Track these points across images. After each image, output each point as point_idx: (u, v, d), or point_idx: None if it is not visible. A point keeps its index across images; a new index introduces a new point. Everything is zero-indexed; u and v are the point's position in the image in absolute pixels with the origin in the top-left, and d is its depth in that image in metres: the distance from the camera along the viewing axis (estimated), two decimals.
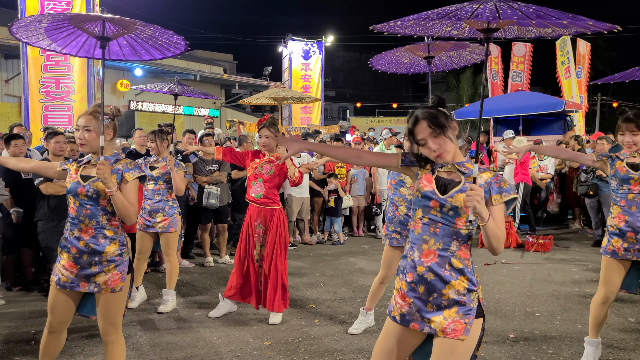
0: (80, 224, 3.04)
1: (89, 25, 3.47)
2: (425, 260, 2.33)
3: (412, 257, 2.38)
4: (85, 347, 4.34)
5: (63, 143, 5.64)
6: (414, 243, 2.39)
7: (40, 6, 10.86)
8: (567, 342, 4.45)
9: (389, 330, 2.45)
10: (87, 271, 3.01)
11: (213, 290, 6.11)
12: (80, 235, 3.04)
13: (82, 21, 3.46)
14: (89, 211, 3.04)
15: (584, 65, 15.88)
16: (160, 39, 3.74)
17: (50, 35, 3.72)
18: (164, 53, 3.94)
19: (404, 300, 2.37)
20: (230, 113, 23.00)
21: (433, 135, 2.32)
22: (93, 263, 3.02)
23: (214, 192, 7.35)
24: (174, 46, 3.83)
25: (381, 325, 2.58)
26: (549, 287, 6.18)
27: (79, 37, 3.78)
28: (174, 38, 3.70)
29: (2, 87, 15.55)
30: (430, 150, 2.34)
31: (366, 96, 42.70)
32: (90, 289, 3.02)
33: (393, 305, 2.44)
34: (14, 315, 5.21)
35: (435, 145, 2.33)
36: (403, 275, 2.41)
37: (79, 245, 3.03)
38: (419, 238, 2.38)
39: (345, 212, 9.59)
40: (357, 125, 19.83)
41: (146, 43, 3.80)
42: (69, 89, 10.97)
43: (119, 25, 3.45)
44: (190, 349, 4.30)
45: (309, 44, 18.69)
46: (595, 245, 8.67)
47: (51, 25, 3.53)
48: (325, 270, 7.10)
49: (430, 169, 2.43)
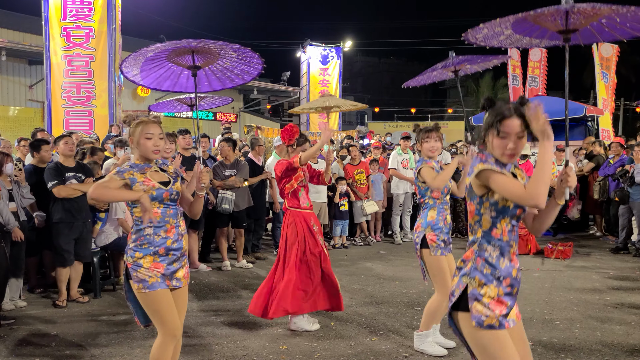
0: (166, 224, 3.14)
1: (181, 59, 3.93)
2: (515, 264, 2.46)
3: (505, 264, 2.44)
4: (105, 348, 4.40)
5: (72, 144, 5.77)
6: (504, 249, 2.44)
7: (63, 13, 11.07)
8: (587, 350, 4.38)
9: (506, 339, 2.41)
10: (171, 268, 3.13)
11: (230, 294, 6.14)
12: (166, 235, 3.14)
13: (176, 55, 3.89)
14: (172, 211, 3.17)
15: (611, 68, 15.62)
16: (235, 70, 4.19)
17: (143, 67, 4.12)
18: (245, 78, 4.40)
19: (502, 304, 2.41)
20: (249, 118, 23.14)
21: (518, 136, 2.38)
22: (175, 260, 3.15)
23: (227, 197, 7.37)
24: (241, 77, 4.27)
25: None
26: (568, 295, 6.09)
27: (172, 75, 4.26)
28: (250, 67, 4.12)
29: (26, 93, 15.88)
30: (506, 147, 2.38)
31: (385, 101, 42.61)
32: (174, 284, 3.14)
33: (487, 314, 2.38)
34: (36, 316, 5.30)
35: (514, 144, 2.38)
36: (498, 282, 2.42)
37: (166, 245, 3.13)
38: (507, 244, 2.45)
39: (368, 218, 9.57)
40: (375, 130, 19.81)
41: (214, 75, 4.26)
42: (90, 94, 11.15)
43: (204, 55, 3.88)
44: (206, 352, 4.33)
45: (327, 49, 18.75)
46: (614, 252, 8.53)
47: (151, 60, 3.91)
48: (341, 275, 7.09)
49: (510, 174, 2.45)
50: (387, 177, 9.79)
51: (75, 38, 10.98)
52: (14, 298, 5.56)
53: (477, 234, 2.47)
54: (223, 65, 4.11)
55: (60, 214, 5.63)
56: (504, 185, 2.30)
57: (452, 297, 2.49)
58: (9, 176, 5.45)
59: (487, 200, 2.44)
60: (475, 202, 2.48)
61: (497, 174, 2.34)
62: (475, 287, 2.41)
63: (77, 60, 11.02)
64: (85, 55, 11.02)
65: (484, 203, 2.44)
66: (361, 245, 9.39)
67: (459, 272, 2.52)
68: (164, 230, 3.13)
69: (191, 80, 4.22)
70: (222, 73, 4.23)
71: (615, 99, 16.39)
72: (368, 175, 9.44)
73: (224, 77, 4.27)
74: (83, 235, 5.78)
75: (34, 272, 6.25)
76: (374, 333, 4.80)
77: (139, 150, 3.15)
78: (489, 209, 2.43)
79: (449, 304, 2.50)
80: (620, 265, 7.71)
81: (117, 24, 11.32)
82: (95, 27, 11.03)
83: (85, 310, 5.55)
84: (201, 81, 4.24)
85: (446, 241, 4.21)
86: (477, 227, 2.48)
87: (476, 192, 2.46)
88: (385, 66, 59.16)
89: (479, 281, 2.41)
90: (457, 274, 2.53)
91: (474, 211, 2.50)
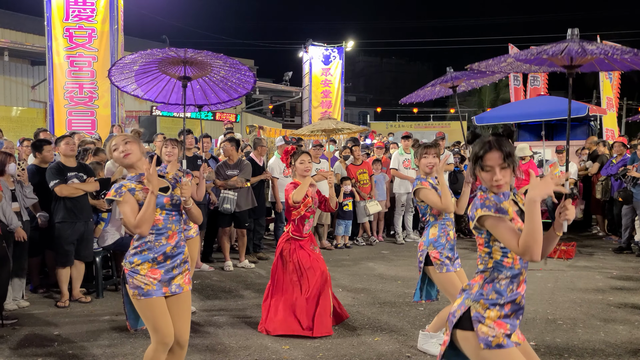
0: (168, 231, 3.14)
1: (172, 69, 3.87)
2: (521, 291, 2.50)
3: (512, 291, 2.47)
4: (107, 348, 4.40)
5: (73, 144, 5.78)
6: (514, 277, 2.47)
7: (66, 13, 11.08)
8: (590, 351, 4.37)
9: (517, 355, 2.44)
10: (170, 275, 3.13)
11: (232, 294, 6.14)
12: (167, 242, 3.14)
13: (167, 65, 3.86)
14: (175, 217, 3.18)
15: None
16: (232, 79, 4.11)
17: (138, 79, 4.10)
18: (232, 95, 4.41)
19: (503, 326, 2.45)
20: (251, 118, 23.14)
21: (501, 167, 2.44)
22: (175, 266, 3.14)
23: (229, 197, 7.35)
24: (242, 86, 4.20)
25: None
26: (571, 295, 6.08)
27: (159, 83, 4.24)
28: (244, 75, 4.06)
29: (29, 93, 15.90)
30: (492, 179, 2.45)
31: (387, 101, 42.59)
32: (172, 290, 3.13)
33: (494, 334, 2.41)
34: (38, 316, 5.30)
35: (499, 176, 2.44)
36: (500, 308, 2.45)
37: (166, 252, 3.12)
38: (518, 272, 2.48)
39: (370, 218, 9.56)
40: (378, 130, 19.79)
41: (216, 86, 4.21)
42: (93, 95, 11.15)
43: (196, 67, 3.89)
44: (208, 352, 4.33)
45: (329, 49, 18.74)
46: (617, 252, 8.51)
47: (141, 69, 3.89)
48: (344, 275, 7.09)
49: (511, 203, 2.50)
50: (390, 177, 9.78)
51: (77, 39, 10.98)
52: (17, 298, 5.57)
53: (488, 264, 2.51)
54: (219, 75, 4.11)
55: (62, 214, 5.64)
56: (502, 236, 2.38)
57: (453, 317, 2.52)
58: (12, 176, 5.46)
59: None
60: (482, 236, 2.52)
61: (496, 221, 2.39)
62: (478, 310, 2.46)
63: (80, 61, 11.03)
64: (87, 55, 11.03)
65: (492, 236, 2.47)
66: (363, 245, 9.38)
67: (463, 293, 2.55)
68: (165, 237, 3.13)
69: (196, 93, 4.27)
70: (223, 83, 4.24)
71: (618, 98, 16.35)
72: (371, 175, 9.43)
73: (227, 87, 4.30)
74: (84, 235, 5.79)
75: (37, 272, 6.26)
76: (376, 333, 4.80)
77: (117, 163, 3.25)
78: (498, 242, 2.47)
79: (449, 325, 2.53)
80: (623, 265, 7.69)
81: (119, 24, 11.33)
82: (97, 28, 11.04)
83: (88, 310, 5.55)
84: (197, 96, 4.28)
85: (451, 257, 4.13)
86: (487, 257, 2.52)
87: (482, 228, 2.50)
88: (387, 66, 59.19)
89: (483, 304, 2.46)
90: (461, 294, 2.57)
91: (483, 244, 2.54)
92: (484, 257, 2.53)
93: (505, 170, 2.45)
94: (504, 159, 2.43)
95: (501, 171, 2.44)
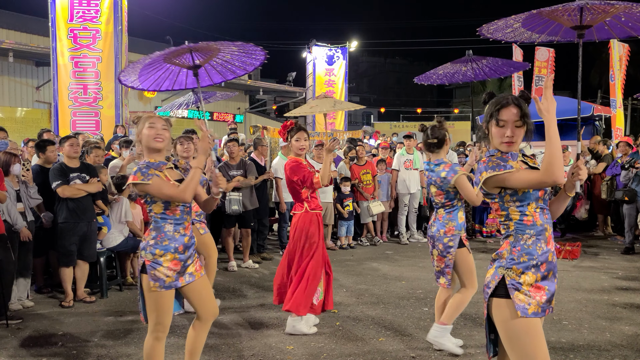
0: (184, 222, 3.18)
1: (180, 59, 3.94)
2: (550, 247, 2.47)
3: (542, 248, 2.45)
4: (111, 348, 4.41)
5: (77, 146, 5.79)
6: (539, 235, 2.46)
7: (70, 14, 11.11)
8: (595, 351, 4.35)
9: (540, 328, 2.42)
10: (185, 265, 3.16)
11: (236, 294, 6.14)
12: (184, 232, 3.17)
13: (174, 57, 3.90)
14: (189, 208, 3.22)
15: (622, 67, 15.49)
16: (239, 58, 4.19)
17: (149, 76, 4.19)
18: (246, 69, 4.41)
19: (540, 290, 2.42)
20: (255, 118, 23.17)
21: (516, 124, 2.44)
22: (189, 256, 3.18)
23: (235, 198, 7.32)
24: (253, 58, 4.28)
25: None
26: (576, 295, 6.05)
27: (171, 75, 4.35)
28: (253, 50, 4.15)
29: (33, 94, 15.95)
30: (504, 135, 2.45)
31: (390, 101, 42.61)
32: (187, 279, 3.16)
33: (530, 302, 2.40)
34: (43, 316, 5.31)
35: (511, 132, 2.44)
36: (536, 269, 2.43)
37: (184, 242, 3.15)
38: (542, 228, 2.47)
39: (374, 218, 9.54)
40: (381, 130, 19.77)
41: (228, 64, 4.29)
42: (97, 95, 11.18)
43: (203, 52, 3.93)
44: (212, 352, 4.33)
45: (333, 50, 18.73)
46: (625, 253, 8.47)
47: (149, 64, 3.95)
48: (348, 275, 7.08)
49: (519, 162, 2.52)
50: (396, 177, 9.75)
51: (82, 39, 11.01)
52: (22, 298, 5.58)
53: (510, 227, 2.50)
54: (223, 59, 4.17)
55: (65, 215, 5.65)
56: (520, 180, 2.38)
57: (488, 288, 2.51)
58: (16, 177, 5.48)
59: (506, 194, 2.49)
60: (496, 200, 2.53)
61: (507, 175, 2.39)
62: (513, 277, 2.44)
63: (84, 62, 11.06)
64: (92, 56, 11.05)
65: (505, 197, 2.48)
66: (367, 245, 9.37)
67: (495, 263, 2.53)
68: (183, 228, 3.17)
69: (190, 77, 4.28)
70: (222, 66, 4.27)
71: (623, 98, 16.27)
72: (374, 175, 9.41)
73: (225, 69, 4.32)
74: (87, 235, 5.80)
75: (41, 272, 6.28)
76: (381, 333, 4.78)
77: (142, 141, 3.13)
78: (512, 201, 2.47)
79: (485, 295, 2.52)
80: (628, 266, 7.65)
81: (123, 25, 11.35)
82: (101, 29, 11.07)
83: (92, 310, 5.56)
84: (201, 76, 4.25)
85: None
86: (507, 221, 2.52)
87: (492, 192, 2.52)
88: (390, 66, 59.14)
89: (517, 270, 2.44)
90: (492, 265, 2.55)
91: (499, 208, 2.54)
92: (504, 221, 2.53)
93: (519, 130, 2.45)
94: (520, 117, 2.43)
95: (515, 129, 2.44)
